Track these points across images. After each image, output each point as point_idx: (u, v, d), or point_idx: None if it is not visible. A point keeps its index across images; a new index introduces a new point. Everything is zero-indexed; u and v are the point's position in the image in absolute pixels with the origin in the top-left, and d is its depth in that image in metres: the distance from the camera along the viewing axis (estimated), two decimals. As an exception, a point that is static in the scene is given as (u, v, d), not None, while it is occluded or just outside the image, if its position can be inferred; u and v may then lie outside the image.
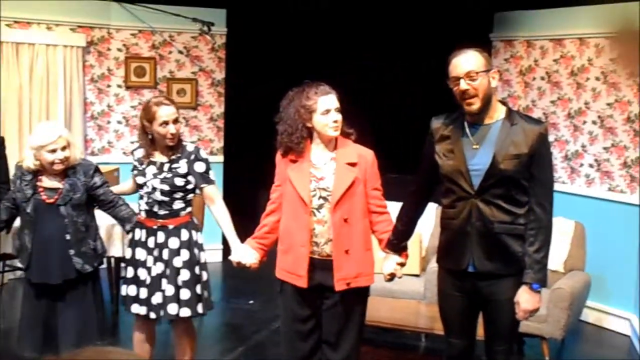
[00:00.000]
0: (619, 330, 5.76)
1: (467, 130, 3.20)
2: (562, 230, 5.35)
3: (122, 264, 4.47)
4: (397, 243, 3.52)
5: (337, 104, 3.46)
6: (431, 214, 5.51)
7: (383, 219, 3.58)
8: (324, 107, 3.43)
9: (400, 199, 3.61)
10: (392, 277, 3.53)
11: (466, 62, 3.10)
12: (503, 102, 3.25)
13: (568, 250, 5.40)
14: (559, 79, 6.21)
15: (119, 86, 7.06)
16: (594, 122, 5.98)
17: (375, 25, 7.52)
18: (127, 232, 4.05)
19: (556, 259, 5.32)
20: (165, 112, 3.89)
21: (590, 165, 6.02)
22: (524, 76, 6.49)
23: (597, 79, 5.94)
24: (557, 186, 3.34)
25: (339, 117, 3.45)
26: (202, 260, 4.03)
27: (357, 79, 7.46)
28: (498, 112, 3.19)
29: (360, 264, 3.49)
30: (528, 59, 6.45)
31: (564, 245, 5.39)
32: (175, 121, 3.93)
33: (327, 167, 3.51)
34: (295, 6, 7.13)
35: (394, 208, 3.66)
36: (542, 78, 6.35)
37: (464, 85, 3.10)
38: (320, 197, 3.47)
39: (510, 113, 3.20)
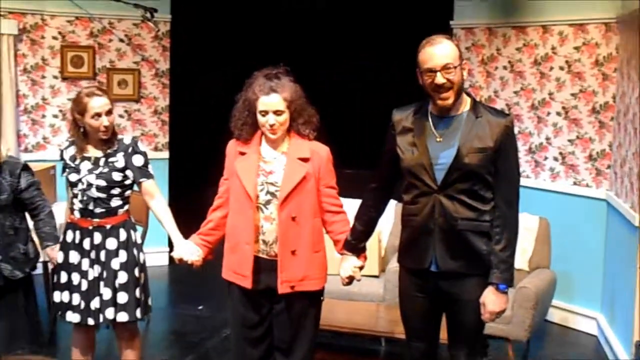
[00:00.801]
0: (586, 330, 5.81)
1: (431, 122, 3.21)
2: (526, 227, 5.37)
3: (51, 268, 4.39)
4: (356, 244, 3.52)
5: (277, 106, 3.44)
6: (390, 211, 5.50)
7: (339, 219, 3.59)
8: (262, 108, 3.45)
9: (359, 196, 3.60)
10: (350, 280, 3.54)
11: (443, 54, 3.10)
12: (467, 94, 3.27)
13: (532, 247, 5.44)
14: (522, 69, 6.24)
15: (55, 77, 6.89)
16: (558, 114, 6.02)
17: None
18: (44, 249, 3.99)
19: (520, 257, 5.34)
20: (97, 104, 3.86)
21: (555, 159, 6.06)
22: (485, 65, 6.52)
23: (561, 68, 5.98)
24: (521, 181, 3.33)
25: (278, 119, 3.44)
26: (142, 261, 4.01)
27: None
28: (463, 104, 3.21)
29: (308, 266, 3.50)
30: (490, 48, 6.48)
31: (529, 242, 5.42)
32: (109, 113, 3.89)
33: (277, 161, 3.52)
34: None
35: (352, 206, 3.65)
36: (505, 67, 6.38)
37: (440, 79, 3.10)
38: (268, 192, 3.48)
39: (474, 105, 3.23)
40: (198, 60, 7.88)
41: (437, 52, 3.10)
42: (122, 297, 3.90)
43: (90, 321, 3.91)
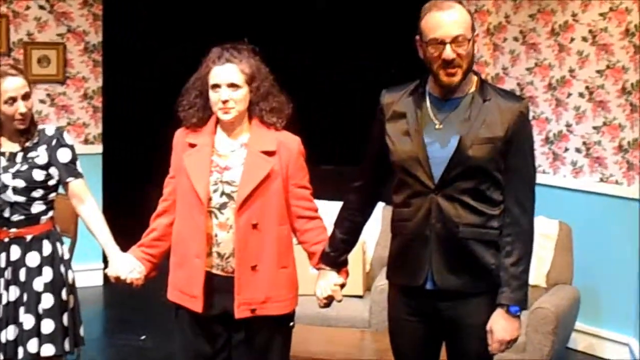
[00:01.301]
0: (617, 358, 5.84)
1: (429, 105, 3.23)
2: (543, 234, 5.40)
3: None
4: (336, 257, 3.53)
5: (232, 78, 3.46)
6: (378, 215, 5.48)
7: (314, 226, 3.60)
8: (214, 81, 3.47)
9: (339, 197, 3.60)
10: (329, 301, 3.53)
11: (454, 22, 3.09)
12: (474, 72, 3.28)
13: (551, 258, 5.47)
14: (537, 40, 6.28)
15: (-42, 54, 6.83)
16: (581, 95, 6.05)
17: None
18: None
19: (537, 271, 5.36)
20: (11, 86, 3.83)
21: (578, 150, 6.10)
22: (492, 36, 6.54)
23: (584, 39, 6.01)
24: (537, 178, 3.35)
25: (233, 95, 3.46)
26: (70, 281, 3.98)
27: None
28: (469, 84, 3.22)
29: (273, 284, 3.50)
30: (497, 15, 6.50)
31: (547, 253, 5.44)
32: (26, 97, 3.86)
33: (235, 155, 3.52)
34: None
35: (331, 210, 3.65)
36: (516, 39, 6.41)
37: (450, 53, 3.09)
38: (224, 193, 3.47)
39: (482, 85, 3.24)
40: (139, 32, 7.81)
41: (447, 20, 3.09)
42: (47, 326, 3.86)
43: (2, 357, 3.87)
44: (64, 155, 3.91)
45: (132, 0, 7.90)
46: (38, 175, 3.87)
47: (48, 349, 3.86)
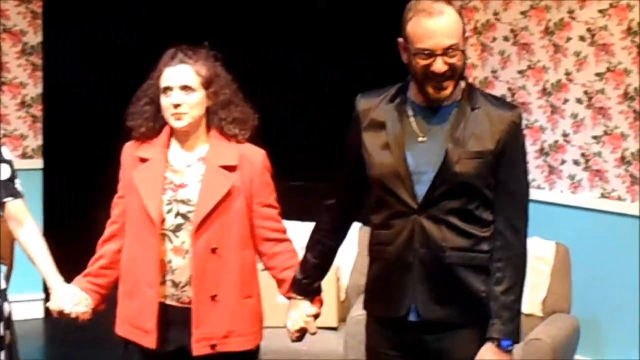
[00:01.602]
0: (621, 394, 5.86)
1: (412, 114, 3.24)
2: (538, 256, 5.40)
3: None
4: (308, 284, 3.53)
5: (185, 80, 3.47)
6: (354, 238, 5.48)
7: (282, 250, 3.61)
8: (165, 83, 3.48)
9: (311, 217, 3.61)
10: (301, 334, 3.53)
11: (446, 31, 3.09)
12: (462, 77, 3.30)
13: (547, 284, 5.47)
14: (529, 40, 6.33)
15: None
16: (578, 101, 6.09)
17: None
18: None
19: (531, 298, 5.36)
20: None
21: (576, 162, 6.13)
22: (479, 35, 6.58)
23: (582, 38, 6.05)
24: (531, 194, 3.35)
25: (186, 99, 3.47)
26: (6, 314, 3.91)
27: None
28: (456, 91, 3.23)
29: (235, 316, 3.50)
30: (485, 12, 6.56)
31: (542, 278, 5.45)
32: None
33: (191, 170, 3.52)
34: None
35: (302, 231, 3.68)
36: (506, 38, 6.46)
37: (441, 65, 3.09)
38: (179, 213, 3.48)
39: (470, 92, 3.26)
40: (85, 32, 7.74)
41: (438, 28, 3.08)
42: None
43: None
44: (1, 172, 3.85)
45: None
46: None
47: None
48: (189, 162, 3.53)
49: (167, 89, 3.46)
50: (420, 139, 3.20)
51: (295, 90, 7.89)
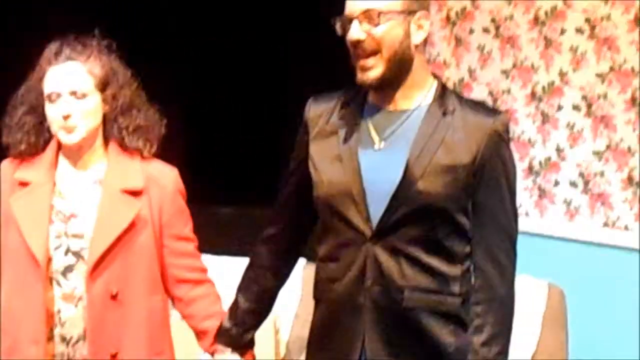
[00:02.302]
0: None
1: (369, 119, 3.27)
2: (528, 299, 5.40)
3: None
4: (239, 334, 3.56)
5: (75, 84, 3.46)
6: (297, 277, 5.43)
7: (203, 293, 3.64)
8: (50, 89, 3.46)
9: (243, 251, 3.67)
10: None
11: None
12: (434, 75, 3.36)
13: (538, 334, 5.48)
14: (515, 32, 6.33)
15: None
16: (576, 108, 6.10)
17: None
18: None
19: (519, 351, 5.35)
20: None
21: (572, 184, 6.13)
22: (453, 26, 6.58)
23: (579, 30, 6.06)
24: (517, 222, 3.35)
25: (79, 106, 3.45)
26: None
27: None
28: (423, 91, 3.27)
29: None
30: (461, -3, 6.53)
31: (533, 325, 5.46)
32: None
33: (85, 196, 3.53)
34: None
35: (229, 270, 3.79)
36: (486, 30, 6.47)
37: (356, 32, 3.14)
38: (70, 251, 3.47)
39: (443, 93, 3.30)
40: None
41: None
42: None
43: None
44: None
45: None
46: None
47: None
48: (82, 186, 3.53)
49: (53, 94, 3.44)
50: (376, 146, 3.22)
51: (225, 82, 7.92)
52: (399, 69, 3.19)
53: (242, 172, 6.87)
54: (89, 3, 7.04)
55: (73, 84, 3.43)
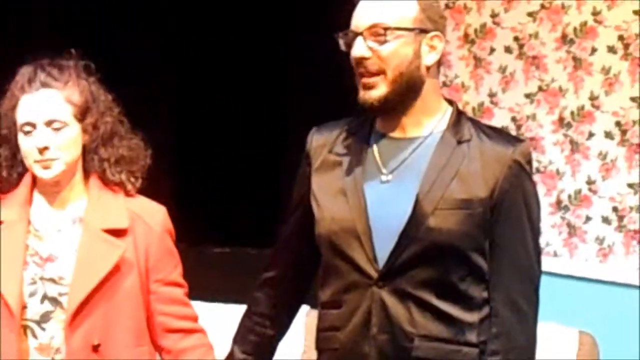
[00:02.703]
0: None
1: (374, 147, 3.28)
2: (557, 349, 5.41)
3: None
4: None
5: (52, 112, 3.46)
6: (299, 326, 5.44)
7: (193, 344, 3.62)
8: (23, 118, 3.47)
9: (239, 297, 3.71)
10: None
11: (373, 7, 3.17)
12: (449, 101, 3.36)
13: (570, 387, 5.45)
14: (541, 51, 6.35)
15: None
16: (608, 135, 6.11)
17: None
18: None
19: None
20: None
21: (605, 220, 6.14)
22: (472, 45, 6.58)
23: (612, 49, 6.09)
24: (543, 262, 3.34)
25: (56, 139, 3.46)
26: None
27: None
28: (435, 117, 3.28)
29: None
30: (480, 13, 6.58)
31: (562, 379, 5.44)
32: None
33: (63, 236, 3.53)
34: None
35: (224, 318, 3.80)
36: (508, 49, 6.48)
37: (360, 49, 3.16)
38: (47, 297, 3.46)
39: (458, 120, 3.30)
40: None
41: (365, 5, 3.18)
42: None
43: None
44: None
45: None
46: None
47: None
48: (60, 225, 3.54)
49: (28, 125, 3.45)
50: (383, 177, 3.22)
51: (219, 114, 7.92)
52: (406, 92, 3.20)
53: (236, 209, 6.85)
54: (62, 17, 7.09)
55: (49, 113, 3.44)
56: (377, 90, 3.16)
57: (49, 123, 3.43)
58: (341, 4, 3.24)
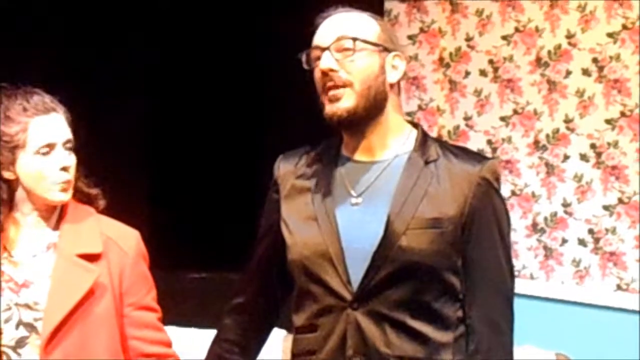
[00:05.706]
0: None
1: (342, 171, 3.30)
2: (532, 372, 5.40)
3: None
4: None
5: (67, 134, 3.50)
6: (276, 350, 5.44)
7: None
8: (43, 139, 3.45)
9: (210, 322, 3.64)
10: None
11: (340, 23, 3.22)
12: (413, 123, 3.40)
13: (545, 411, 5.45)
14: (515, 74, 6.37)
15: None
16: (583, 157, 6.13)
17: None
18: None
19: None
20: None
21: (582, 242, 6.15)
22: (446, 69, 6.60)
23: (586, 72, 6.11)
24: (520, 284, 3.35)
25: (71, 161, 3.49)
26: None
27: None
28: (400, 138, 3.31)
29: None
30: (454, 36, 6.60)
31: (538, 403, 5.44)
32: None
33: (38, 261, 3.51)
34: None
35: (194, 342, 3.80)
36: (483, 72, 6.51)
37: (327, 61, 3.19)
38: (22, 322, 3.44)
39: (424, 141, 3.33)
40: None
41: (332, 22, 3.23)
42: None
43: None
44: None
45: None
46: None
47: None
48: (34, 250, 3.52)
49: (47, 146, 3.45)
50: (353, 200, 3.23)
51: (194, 141, 7.93)
52: (373, 106, 3.22)
53: (211, 234, 6.83)
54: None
55: (68, 133, 3.48)
56: (344, 102, 3.18)
57: (66, 143, 3.46)
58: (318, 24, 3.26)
